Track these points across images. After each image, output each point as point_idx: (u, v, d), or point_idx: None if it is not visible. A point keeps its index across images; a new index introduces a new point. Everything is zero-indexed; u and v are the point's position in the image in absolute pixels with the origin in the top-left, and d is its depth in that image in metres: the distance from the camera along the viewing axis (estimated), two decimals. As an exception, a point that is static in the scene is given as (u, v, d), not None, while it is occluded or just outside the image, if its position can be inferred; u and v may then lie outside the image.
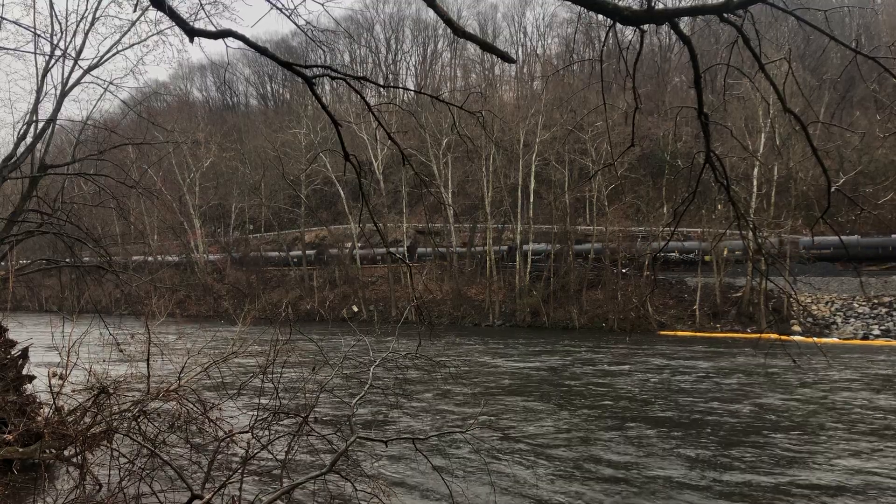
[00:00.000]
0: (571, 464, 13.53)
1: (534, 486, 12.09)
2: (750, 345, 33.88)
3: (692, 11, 4.64)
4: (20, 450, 10.71)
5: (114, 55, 17.31)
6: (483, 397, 21.00)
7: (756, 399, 20.44)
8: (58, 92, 16.14)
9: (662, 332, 43.57)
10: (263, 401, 9.60)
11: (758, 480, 12.36)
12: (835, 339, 38.35)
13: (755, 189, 44.58)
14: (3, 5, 23.71)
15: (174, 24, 6.22)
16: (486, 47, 5.22)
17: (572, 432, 16.30)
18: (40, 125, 16.08)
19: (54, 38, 15.92)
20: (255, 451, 8.92)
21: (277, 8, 5.88)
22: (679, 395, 21.38)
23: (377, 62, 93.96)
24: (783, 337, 31.59)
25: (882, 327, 39.25)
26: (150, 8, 14.97)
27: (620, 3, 4.58)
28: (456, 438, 14.52)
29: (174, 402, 10.92)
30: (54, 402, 11.10)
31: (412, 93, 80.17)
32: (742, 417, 17.94)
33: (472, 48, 78.44)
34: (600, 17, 5.18)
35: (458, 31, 4.81)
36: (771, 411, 18.67)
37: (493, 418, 17.83)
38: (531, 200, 52.49)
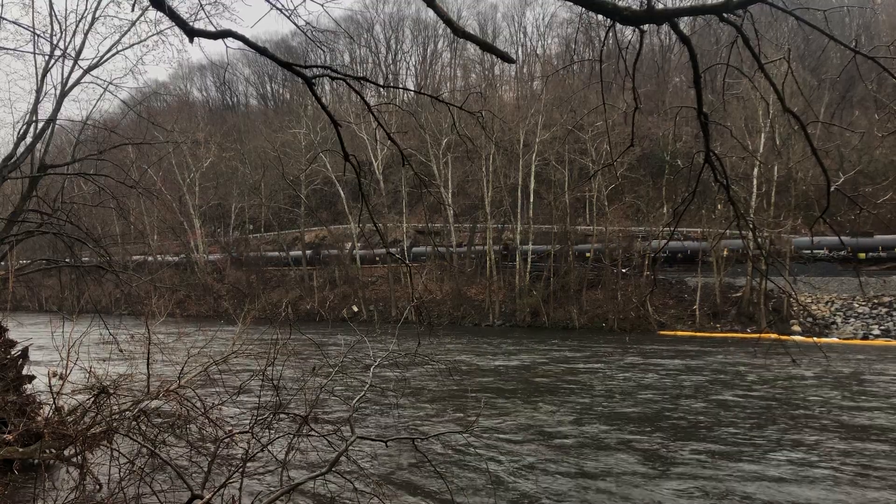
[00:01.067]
0: (572, 464, 13.53)
1: (534, 485, 12.10)
2: (745, 344, 33.89)
3: (692, 11, 4.65)
4: (20, 450, 10.71)
5: (113, 55, 17.34)
6: (483, 397, 21.01)
7: (746, 398, 20.45)
8: (57, 92, 16.16)
9: (662, 332, 43.57)
10: (263, 401, 9.61)
11: (752, 480, 12.37)
12: (835, 339, 38.35)
13: (755, 189, 44.56)
14: (2, 5, 23.72)
15: (174, 24, 6.22)
16: (486, 47, 5.22)
17: (572, 432, 16.30)
18: (40, 125, 16.09)
19: (54, 38, 15.95)
20: (255, 451, 8.92)
21: (277, 8, 5.88)
22: (677, 393, 21.39)
23: (377, 62, 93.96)
24: (782, 337, 31.63)
25: (882, 327, 39.25)
26: (150, 8, 14.98)
27: (620, 3, 4.58)
28: (456, 438, 14.53)
29: (174, 402, 10.94)
30: (54, 402, 11.11)
31: (412, 93, 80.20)
32: (737, 417, 17.95)
33: (472, 48, 78.47)
34: (600, 17, 5.19)
35: (458, 32, 4.81)
36: (759, 410, 18.69)
37: (492, 418, 17.83)
38: (531, 200, 52.46)
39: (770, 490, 11.83)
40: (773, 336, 27.23)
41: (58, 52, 16.06)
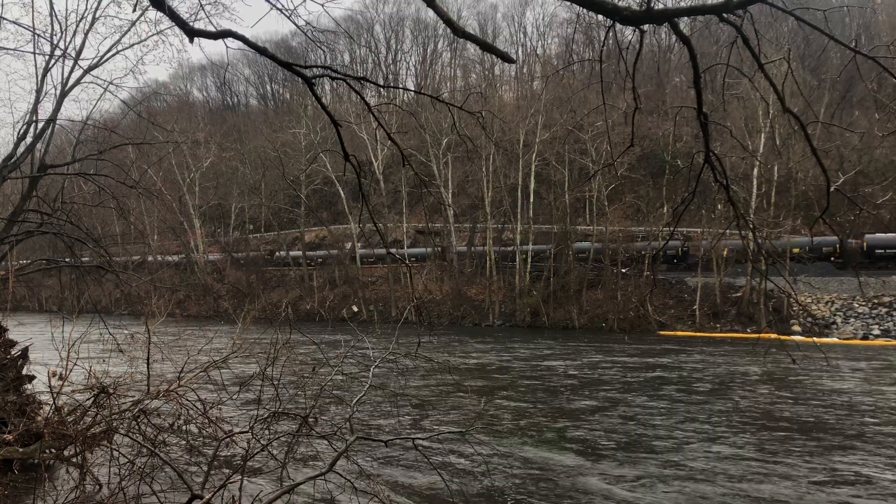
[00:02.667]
0: (572, 463, 13.53)
1: (534, 486, 12.10)
2: (745, 344, 33.88)
3: (691, 11, 4.65)
4: (20, 450, 10.71)
5: (114, 55, 17.34)
6: (483, 397, 21.01)
7: (746, 398, 20.46)
8: (58, 92, 16.15)
9: (662, 332, 43.56)
10: (263, 401, 9.60)
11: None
12: (834, 339, 38.35)
13: (755, 189, 44.55)
14: (2, 5, 23.71)
15: (174, 24, 6.23)
16: (486, 47, 5.23)
17: (571, 432, 16.30)
18: (40, 125, 16.09)
19: (54, 38, 15.94)
20: (255, 451, 8.92)
21: (277, 8, 5.88)
22: (678, 393, 21.39)
23: (377, 62, 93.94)
24: (782, 337, 31.61)
25: (882, 327, 39.24)
26: (150, 8, 14.98)
27: (620, 3, 4.58)
28: (456, 438, 14.52)
29: (174, 402, 10.92)
30: (54, 402, 11.10)
31: (412, 93, 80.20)
32: (737, 417, 17.96)
33: (472, 48, 78.45)
34: (600, 17, 5.19)
35: (458, 32, 4.82)
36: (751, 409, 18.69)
37: (493, 418, 17.83)
38: (531, 200, 52.45)
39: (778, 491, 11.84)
40: (773, 336, 27.18)
41: (58, 52, 16.06)
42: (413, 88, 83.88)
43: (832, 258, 45.23)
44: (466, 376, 25.38)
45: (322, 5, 6.85)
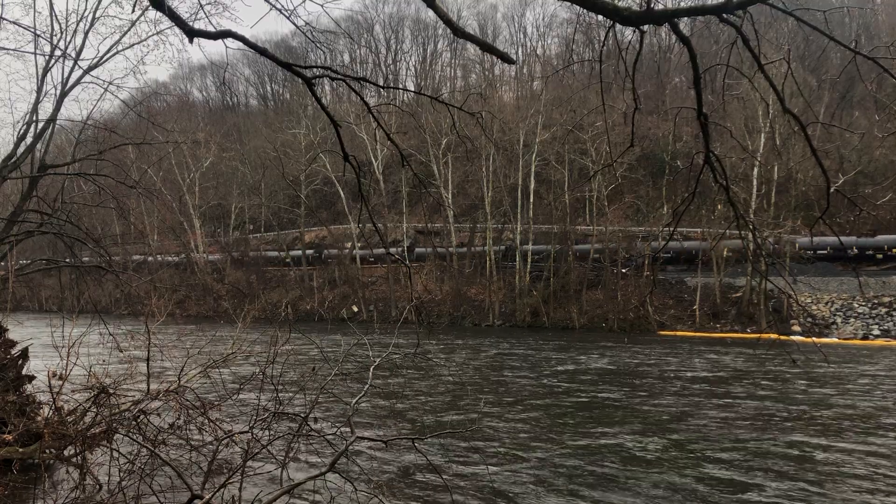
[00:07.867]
0: (571, 464, 13.53)
1: (533, 485, 12.10)
2: (745, 344, 33.88)
3: (691, 12, 4.66)
4: (20, 450, 10.71)
5: (114, 55, 17.37)
6: (482, 397, 21.01)
7: (747, 398, 20.47)
8: (58, 92, 16.18)
9: (662, 332, 43.57)
10: (263, 401, 9.61)
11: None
12: (834, 339, 38.36)
13: (755, 189, 44.55)
14: (3, 5, 23.72)
15: (174, 24, 6.23)
16: (486, 48, 5.23)
17: (571, 432, 16.31)
18: (40, 125, 16.11)
19: (54, 38, 15.98)
20: (255, 451, 8.92)
21: (277, 8, 5.88)
22: (679, 395, 21.39)
23: (377, 62, 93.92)
24: (782, 337, 31.63)
25: (882, 327, 39.26)
26: (150, 8, 14.98)
27: (620, 3, 4.59)
28: (456, 438, 14.54)
29: (174, 402, 10.92)
30: (54, 402, 11.09)
31: (412, 93, 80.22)
32: (738, 416, 17.97)
33: (471, 48, 78.44)
34: (600, 17, 5.20)
35: (458, 32, 4.82)
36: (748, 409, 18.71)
37: (492, 418, 17.84)
38: (531, 200, 52.48)
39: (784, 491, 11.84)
40: (773, 336, 27.20)
41: (58, 52, 16.09)
42: (413, 89, 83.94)
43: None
44: (466, 376, 25.39)
45: (322, 5, 6.84)
